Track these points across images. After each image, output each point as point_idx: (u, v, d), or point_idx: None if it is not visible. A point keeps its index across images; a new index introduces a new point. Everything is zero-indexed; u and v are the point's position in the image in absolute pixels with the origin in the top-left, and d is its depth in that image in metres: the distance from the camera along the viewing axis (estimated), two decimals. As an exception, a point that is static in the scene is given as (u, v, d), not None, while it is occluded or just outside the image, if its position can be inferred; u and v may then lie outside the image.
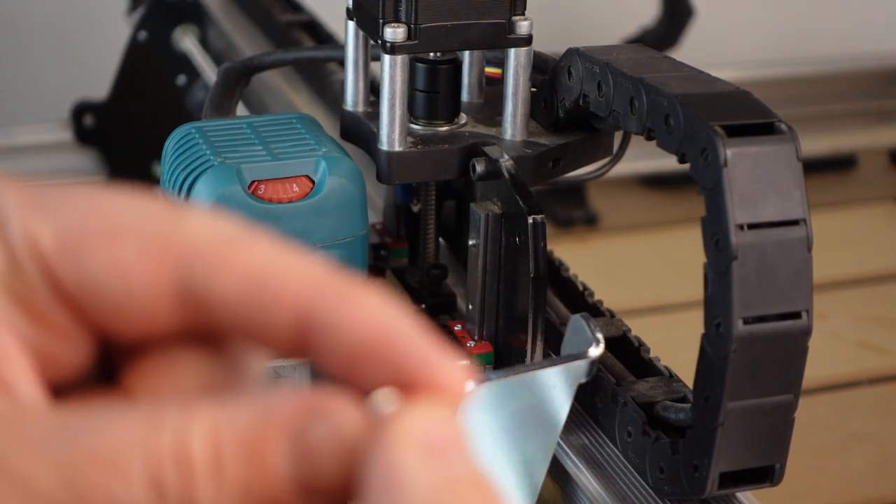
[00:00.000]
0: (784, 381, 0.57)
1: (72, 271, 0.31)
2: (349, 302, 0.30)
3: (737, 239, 0.54)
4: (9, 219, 0.31)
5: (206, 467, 0.29)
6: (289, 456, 0.29)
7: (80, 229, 0.31)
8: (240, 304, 0.30)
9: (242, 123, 0.70)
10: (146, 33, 1.37)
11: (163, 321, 0.31)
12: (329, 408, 0.29)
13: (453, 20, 0.68)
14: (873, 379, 1.34)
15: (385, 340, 0.30)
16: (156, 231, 0.31)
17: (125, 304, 0.31)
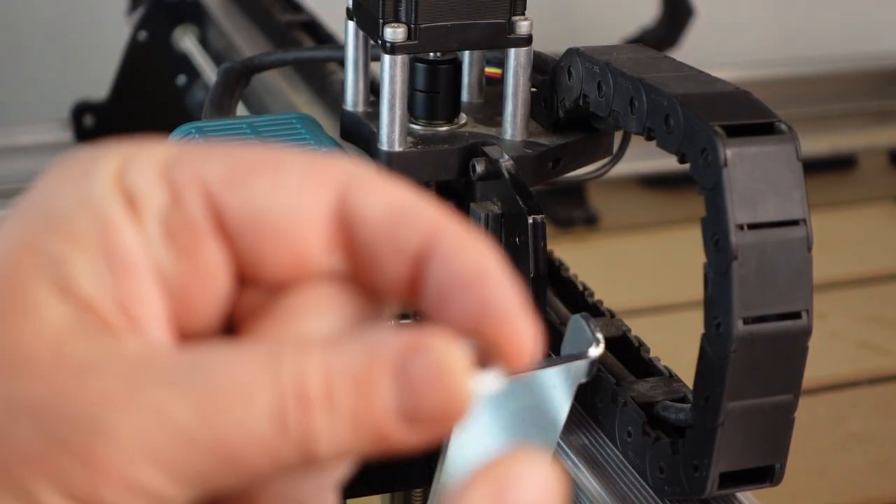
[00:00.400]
0: (784, 381, 0.57)
1: (237, 198, 0.33)
2: (465, 241, 0.34)
3: (737, 239, 0.54)
4: (178, 160, 0.34)
5: (320, 400, 0.32)
6: (393, 389, 0.32)
7: (245, 164, 0.34)
8: (382, 224, 0.34)
9: (242, 123, 0.70)
10: (146, 33, 1.37)
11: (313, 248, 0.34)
12: (429, 344, 0.33)
13: (453, 20, 0.68)
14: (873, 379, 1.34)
15: (483, 280, 0.34)
16: (315, 162, 0.34)
17: (285, 226, 0.34)
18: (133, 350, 0.32)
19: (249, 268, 0.34)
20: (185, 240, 0.33)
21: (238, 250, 0.34)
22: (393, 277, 0.34)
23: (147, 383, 0.32)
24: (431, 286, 0.34)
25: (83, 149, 0.35)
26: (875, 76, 1.77)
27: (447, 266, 0.34)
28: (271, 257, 0.34)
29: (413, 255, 0.34)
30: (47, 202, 0.34)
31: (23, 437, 0.31)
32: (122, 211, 0.33)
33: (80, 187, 0.33)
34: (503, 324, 0.34)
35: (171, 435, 0.31)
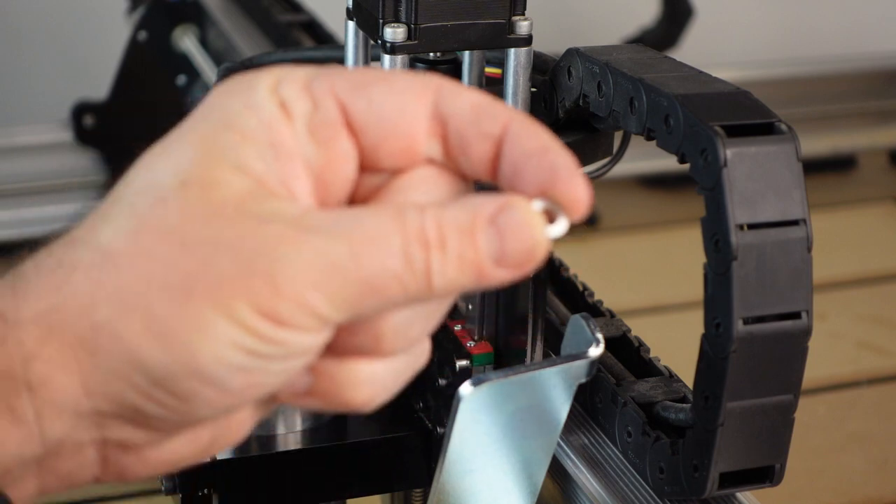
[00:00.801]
0: (784, 381, 0.57)
1: (361, 102, 0.44)
2: (530, 127, 0.44)
3: (737, 239, 0.54)
4: (316, 76, 0.44)
5: (436, 244, 0.43)
6: (489, 236, 0.43)
7: (365, 78, 0.45)
8: (468, 118, 0.44)
9: (242, 123, 0.70)
10: (146, 33, 1.37)
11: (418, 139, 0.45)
12: (515, 203, 0.43)
13: (453, 20, 0.68)
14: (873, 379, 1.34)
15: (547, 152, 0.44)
16: (414, 76, 0.45)
17: (399, 122, 0.44)
18: (295, 210, 0.43)
19: (370, 156, 0.45)
20: (324, 135, 0.44)
21: (362, 143, 0.45)
22: (478, 158, 0.45)
23: (311, 230, 0.42)
24: (507, 162, 0.44)
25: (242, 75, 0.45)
26: (875, 76, 1.77)
27: (519, 145, 0.44)
28: (387, 147, 0.45)
29: (493, 138, 0.44)
30: (222, 109, 0.44)
31: (226, 266, 0.42)
32: (278, 114, 0.44)
33: (247, 97, 0.44)
34: (565, 182, 0.44)
35: (331, 269, 0.42)
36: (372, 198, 0.45)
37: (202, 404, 0.43)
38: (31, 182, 1.46)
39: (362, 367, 0.45)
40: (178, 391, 0.43)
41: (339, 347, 0.45)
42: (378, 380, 0.46)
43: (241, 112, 0.44)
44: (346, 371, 0.45)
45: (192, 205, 0.43)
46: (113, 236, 0.43)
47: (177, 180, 0.43)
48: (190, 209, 0.43)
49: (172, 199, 0.43)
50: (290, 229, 0.42)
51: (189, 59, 1.31)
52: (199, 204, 0.43)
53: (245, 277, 0.42)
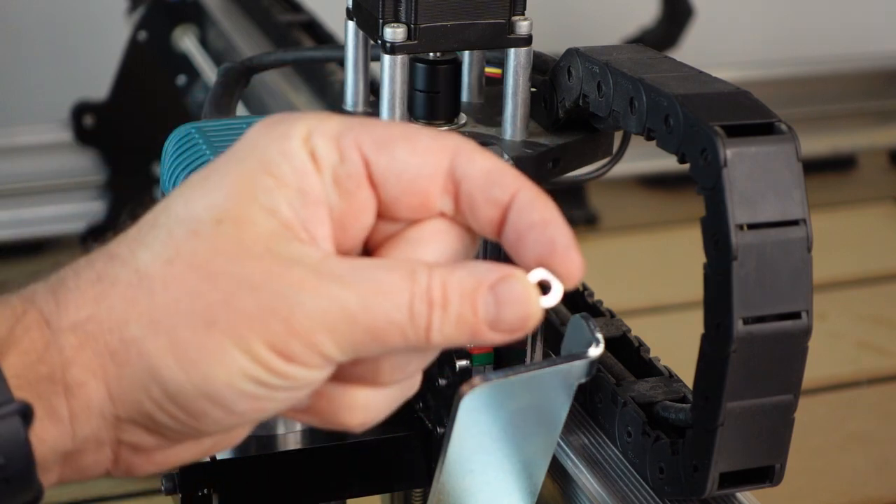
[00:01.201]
0: (784, 381, 0.57)
1: (384, 159, 0.48)
2: (536, 199, 0.48)
3: (737, 239, 0.54)
4: (345, 130, 0.48)
5: (439, 304, 0.47)
6: (488, 303, 0.47)
7: (388, 135, 0.48)
8: (480, 182, 0.48)
9: (242, 123, 0.70)
10: (146, 33, 1.37)
11: (433, 196, 0.49)
12: (515, 275, 0.48)
13: (453, 20, 0.68)
14: (873, 379, 1.34)
15: (549, 225, 0.48)
16: (436, 135, 0.49)
17: (417, 180, 0.48)
18: (316, 254, 0.47)
19: (388, 207, 0.49)
20: (347, 186, 0.48)
21: (381, 196, 0.49)
22: (486, 220, 0.49)
23: (328, 278, 0.47)
24: (511, 229, 0.48)
25: (281, 115, 0.50)
26: (875, 76, 1.77)
27: (524, 215, 0.48)
28: (405, 201, 0.49)
29: (501, 205, 0.48)
30: (260, 152, 0.48)
31: (248, 303, 0.46)
32: (309, 163, 0.48)
33: (282, 145, 0.48)
34: (562, 256, 0.48)
35: (342, 316, 0.46)
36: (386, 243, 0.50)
37: (210, 422, 0.48)
38: (31, 182, 1.46)
39: (360, 393, 0.50)
40: (190, 408, 0.47)
41: (340, 374, 0.49)
42: (372, 406, 0.50)
43: (276, 158, 0.48)
44: (344, 395, 0.50)
45: (223, 241, 0.47)
46: (150, 261, 0.47)
47: (212, 216, 0.47)
48: (221, 245, 0.47)
49: (206, 233, 0.47)
50: (309, 275, 0.47)
51: (189, 59, 1.31)
52: (230, 241, 0.47)
53: (263, 316, 0.46)
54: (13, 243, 1.47)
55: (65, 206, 1.48)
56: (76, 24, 1.74)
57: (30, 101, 1.70)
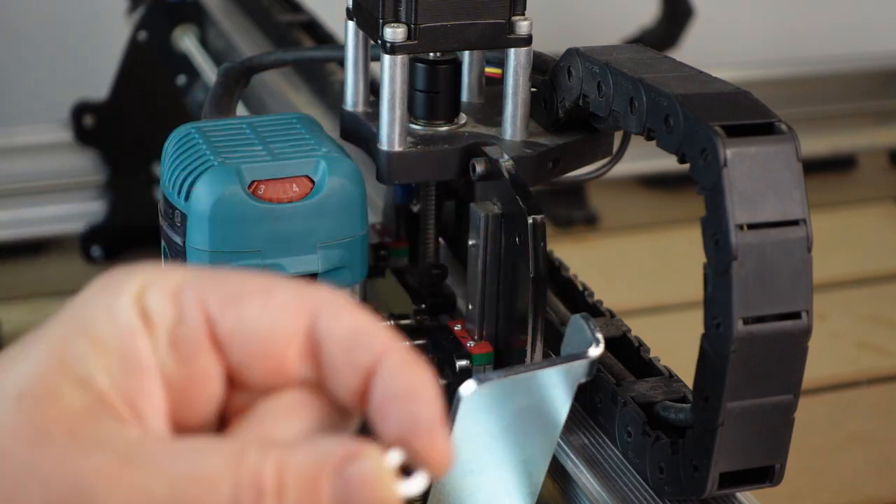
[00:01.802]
0: (784, 381, 0.57)
1: (231, 318, 0.42)
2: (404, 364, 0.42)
3: (736, 239, 0.54)
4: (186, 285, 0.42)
5: (273, 492, 0.39)
6: (332, 488, 0.40)
7: (240, 289, 0.42)
8: (341, 344, 0.42)
9: (242, 123, 0.70)
10: (146, 33, 1.37)
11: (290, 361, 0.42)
12: (364, 454, 0.40)
13: (453, 20, 0.68)
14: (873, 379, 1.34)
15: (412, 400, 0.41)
16: (296, 289, 0.42)
17: (269, 343, 0.42)
18: (132, 435, 0.40)
19: (238, 374, 0.42)
20: (186, 350, 0.42)
21: (229, 360, 0.42)
22: (347, 389, 0.42)
23: (136, 464, 0.39)
24: (374, 399, 0.41)
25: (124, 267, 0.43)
26: (875, 76, 1.77)
27: (387, 384, 0.41)
28: (256, 366, 0.42)
29: (363, 371, 0.41)
30: (84, 311, 0.42)
31: (33, 498, 0.39)
32: (139, 324, 0.41)
33: (110, 302, 0.42)
34: (424, 436, 0.41)
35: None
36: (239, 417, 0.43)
37: None
38: (31, 182, 1.46)
39: None
40: None
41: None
42: None
43: (98, 318, 0.41)
44: None
45: (20, 422, 0.40)
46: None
47: (14, 391, 0.41)
48: (16, 427, 0.40)
49: (5, 412, 0.40)
50: (112, 461, 0.40)
51: (189, 59, 1.31)
52: (26, 422, 0.40)
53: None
54: (13, 243, 1.47)
55: (65, 206, 1.48)
56: (76, 24, 1.74)
57: (30, 101, 1.70)
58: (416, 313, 0.74)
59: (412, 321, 0.74)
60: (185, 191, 0.65)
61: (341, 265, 0.67)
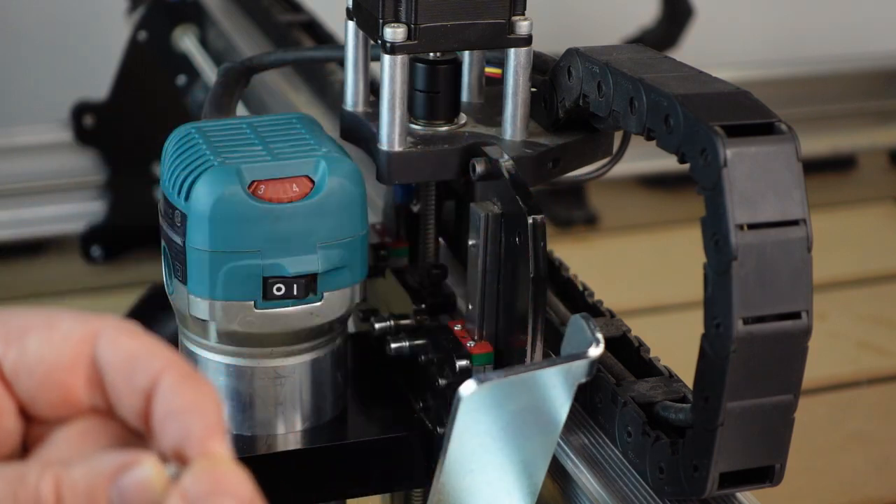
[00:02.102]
0: (784, 381, 0.57)
1: (13, 353, 0.43)
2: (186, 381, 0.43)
3: (736, 239, 0.54)
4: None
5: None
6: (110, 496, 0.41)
7: (24, 325, 0.44)
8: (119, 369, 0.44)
9: (242, 123, 0.70)
10: (146, 33, 1.37)
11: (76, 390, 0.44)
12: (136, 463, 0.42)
13: (453, 20, 0.68)
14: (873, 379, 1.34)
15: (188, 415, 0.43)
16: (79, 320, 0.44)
17: (52, 374, 0.44)
18: None
19: (29, 408, 0.44)
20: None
21: (18, 395, 0.44)
22: (132, 411, 0.44)
23: None
24: (155, 418, 0.43)
25: None
26: (875, 76, 1.77)
27: (164, 402, 0.43)
28: (43, 398, 0.44)
29: (143, 393, 0.44)
30: None
31: None
32: None
33: None
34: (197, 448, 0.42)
35: None
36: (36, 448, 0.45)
37: None
38: (31, 182, 1.46)
39: None
40: None
41: None
42: None
43: None
44: None
45: None
46: None
47: None
48: None
49: None
50: None
51: (189, 59, 1.31)
52: None
53: None
54: (13, 243, 1.47)
55: (65, 206, 1.48)
56: (76, 24, 1.74)
57: (30, 101, 1.70)
58: (416, 313, 0.74)
59: (412, 321, 0.74)
60: (185, 191, 0.65)
61: (341, 265, 0.67)
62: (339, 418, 0.71)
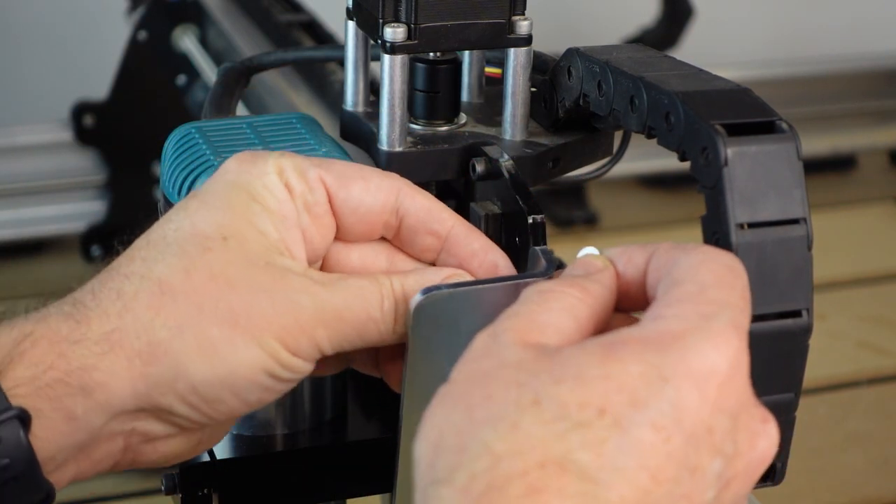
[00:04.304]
0: (785, 379, 0.57)
1: (342, 193, 0.58)
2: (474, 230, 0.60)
3: (737, 238, 0.54)
4: (308, 168, 0.58)
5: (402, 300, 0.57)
6: None
7: (346, 174, 0.59)
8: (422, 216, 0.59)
9: (242, 123, 0.70)
10: (146, 33, 1.37)
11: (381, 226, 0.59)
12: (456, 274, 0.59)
13: (453, 20, 0.68)
14: (873, 379, 1.34)
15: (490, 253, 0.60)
16: (386, 175, 0.59)
17: (367, 213, 0.59)
18: (300, 267, 0.56)
19: (342, 232, 0.59)
20: (315, 212, 0.58)
21: (338, 221, 0.59)
22: (423, 247, 0.60)
23: (317, 283, 0.56)
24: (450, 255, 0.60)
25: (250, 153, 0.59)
26: (875, 76, 1.77)
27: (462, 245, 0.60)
28: (357, 229, 0.59)
29: (440, 236, 0.59)
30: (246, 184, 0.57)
31: (263, 306, 0.54)
32: (285, 193, 0.57)
33: (263, 179, 0.57)
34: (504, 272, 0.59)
35: (333, 314, 0.55)
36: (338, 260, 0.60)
37: (223, 409, 0.55)
38: (31, 182, 1.46)
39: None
40: (210, 398, 0.55)
41: None
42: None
43: (260, 190, 0.57)
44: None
45: (233, 255, 0.55)
46: (168, 274, 0.55)
47: (219, 234, 0.55)
48: (232, 258, 0.55)
49: (217, 248, 0.55)
50: (304, 281, 0.55)
51: (189, 59, 1.31)
52: (238, 255, 0.55)
53: (276, 315, 0.54)
54: (13, 243, 1.47)
55: (65, 206, 1.48)
56: (76, 24, 1.74)
57: (30, 101, 1.70)
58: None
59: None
60: (185, 191, 0.65)
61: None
62: (339, 418, 0.71)
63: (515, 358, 0.48)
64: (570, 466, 0.45)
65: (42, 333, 0.54)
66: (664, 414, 0.46)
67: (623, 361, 0.47)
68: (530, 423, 0.45)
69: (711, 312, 0.49)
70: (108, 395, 0.54)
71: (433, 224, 0.59)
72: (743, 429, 0.48)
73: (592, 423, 0.46)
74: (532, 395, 0.46)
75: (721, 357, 0.48)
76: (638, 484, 0.45)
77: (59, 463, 0.54)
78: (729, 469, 0.48)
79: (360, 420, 0.72)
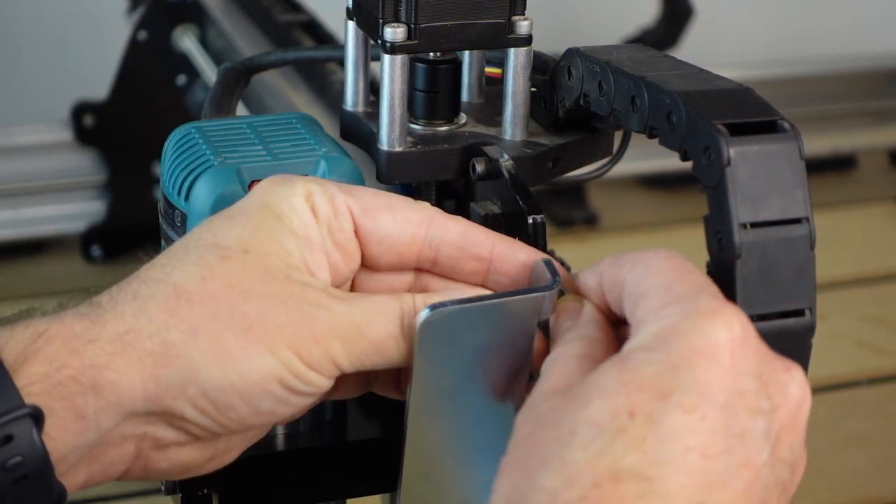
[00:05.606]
0: (786, 380, 0.57)
1: (369, 224, 0.58)
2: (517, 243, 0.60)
3: (740, 237, 0.54)
4: (336, 194, 0.58)
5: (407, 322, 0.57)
6: None
7: (373, 204, 0.59)
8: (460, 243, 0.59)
9: (242, 123, 0.70)
10: (146, 33, 1.37)
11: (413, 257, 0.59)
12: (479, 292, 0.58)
13: (453, 20, 0.68)
14: (873, 379, 1.34)
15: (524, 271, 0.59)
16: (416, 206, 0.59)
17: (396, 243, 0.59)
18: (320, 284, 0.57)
19: (368, 261, 0.59)
20: (339, 238, 0.58)
21: (364, 251, 0.59)
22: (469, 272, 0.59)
23: (337, 298, 0.56)
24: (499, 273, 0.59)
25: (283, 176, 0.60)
26: (875, 76, 1.77)
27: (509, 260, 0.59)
28: (384, 259, 0.59)
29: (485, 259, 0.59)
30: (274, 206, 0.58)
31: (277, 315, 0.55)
32: (311, 217, 0.58)
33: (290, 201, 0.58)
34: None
35: (352, 329, 0.55)
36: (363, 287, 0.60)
37: (234, 417, 0.55)
38: (31, 182, 1.46)
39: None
40: (221, 404, 0.55)
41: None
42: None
43: (286, 212, 0.58)
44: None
45: (251, 266, 0.56)
46: (185, 279, 0.55)
47: (240, 246, 0.56)
48: (250, 269, 0.56)
49: (236, 259, 0.56)
50: (323, 295, 0.56)
51: (189, 59, 1.31)
52: (257, 266, 0.56)
53: (291, 325, 0.55)
54: (13, 243, 1.47)
55: (65, 206, 1.48)
56: (76, 24, 1.74)
57: (30, 101, 1.70)
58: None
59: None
60: (185, 191, 0.65)
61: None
62: (338, 418, 0.71)
63: (547, 406, 0.51)
64: (622, 473, 0.47)
65: (57, 332, 0.54)
66: (688, 394, 0.49)
67: (635, 368, 0.50)
68: (573, 452, 0.48)
69: (689, 298, 0.51)
70: (119, 395, 0.54)
71: (473, 249, 0.59)
72: (771, 382, 0.51)
73: (627, 427, 0.48)
74: (568, 427, 0.49)
75: (719, 328, 0.50)
76: (691, 466, 0.47)
77: (70, 464, 0.54)
78: (774, 423, 0.50)
79: (360, 420, 0.72)
